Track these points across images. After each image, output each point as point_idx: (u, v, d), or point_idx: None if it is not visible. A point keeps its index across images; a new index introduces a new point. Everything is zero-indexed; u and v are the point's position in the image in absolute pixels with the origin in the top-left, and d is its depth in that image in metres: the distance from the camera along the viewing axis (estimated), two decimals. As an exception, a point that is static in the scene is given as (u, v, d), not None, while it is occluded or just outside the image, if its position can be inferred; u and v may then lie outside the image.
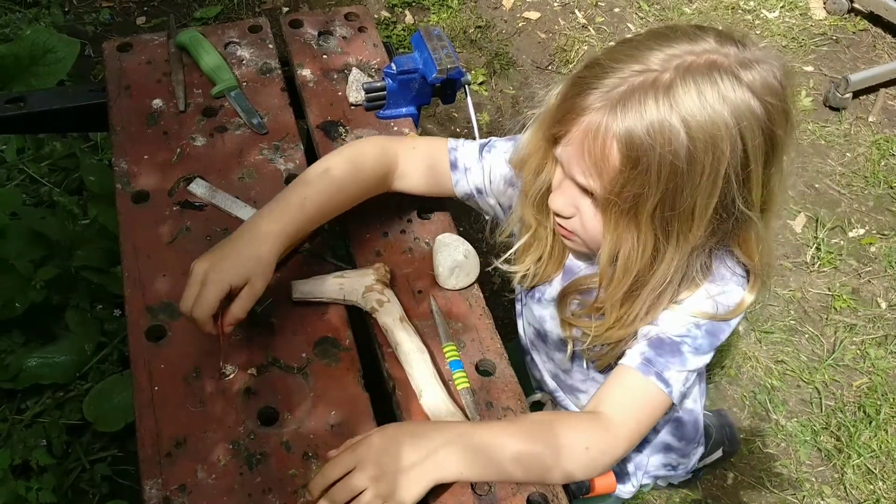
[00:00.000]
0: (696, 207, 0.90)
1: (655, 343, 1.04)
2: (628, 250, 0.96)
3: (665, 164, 0.87)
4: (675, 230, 0.93)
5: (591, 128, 0.90)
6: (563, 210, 1.02)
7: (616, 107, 0.88)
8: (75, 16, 2.86)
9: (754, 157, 0.89)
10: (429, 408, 1.04)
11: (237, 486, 0.97)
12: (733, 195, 0.90)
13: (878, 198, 2.70)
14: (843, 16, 3.32)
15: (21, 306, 1.78)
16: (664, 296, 1.01)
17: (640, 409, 1.02)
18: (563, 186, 1.01)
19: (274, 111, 1.39)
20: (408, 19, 3.04)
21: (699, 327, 1.04)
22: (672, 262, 0.96)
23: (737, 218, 0.94)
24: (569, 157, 0.96)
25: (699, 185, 0.88)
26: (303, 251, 1.21)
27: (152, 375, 1.05)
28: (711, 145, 0.86)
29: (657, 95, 0.86)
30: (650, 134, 0.86)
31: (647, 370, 1.02)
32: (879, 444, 2.10)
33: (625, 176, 0.89)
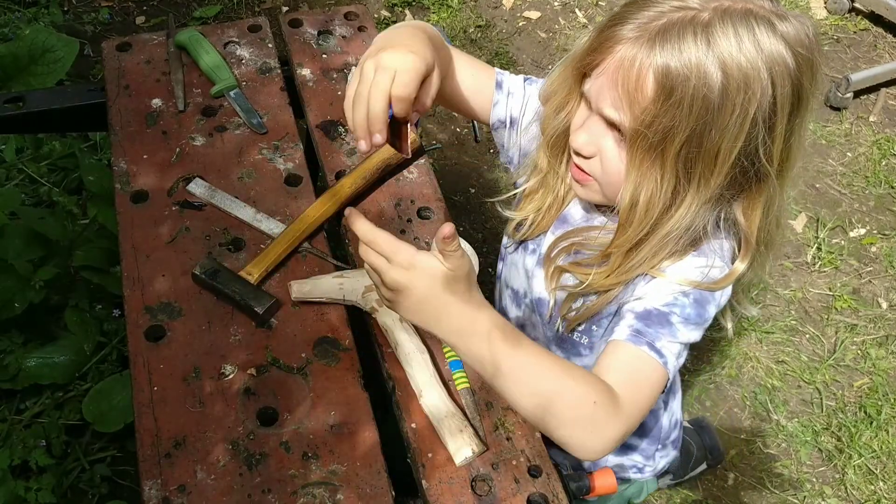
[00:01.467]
0: (721, 150, 0.92)
1: (643, 315, 1.01)
2: (651, 191, 0.96)
3: (698, 97, 0.88)
4: (698, 173, 0.94)
5: (626, 57, 0.91)
6: (585, 148, 1.01)
7: (654, 38, 0.89)
8: (74, 15, 2.86)
9: (781, 106, 0.91)
10: (428, 408, 1.03)
11: (236, 487, 0.96)
12: (757, 143, 0.92)
13: (879, 197, 2.70)
14: (844, 15, 3.32)
15: (20, 306, 1.78)
16: (667, 246, 1.00)
17: (639, 383, 0.98)
18: (588, 123, 1.01)
19: (273, 111, 1.38)
20: (408, 19, 3.04)
21: (686, 295, 1.02)
22: (689, 209, 0.97)
23: (755, 172, 0.95)
24: (599, 88, 0.96)
25: (727, 126, 0.90)
26: (302, 251, 1.21)
27: (151, 375, 1.05)
28: (744, 85, 0.88)
29: (696, 31, 0.88)
30: (687, 66, 0.88)
31: (637, 341, 0.99)
32: (880, 445, 2.09)
33: (657, 107, 0.90)
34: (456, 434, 1.00)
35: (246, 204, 1.24)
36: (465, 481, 0.99)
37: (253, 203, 1.25)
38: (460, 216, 2.47)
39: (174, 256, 1.17)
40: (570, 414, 0.92)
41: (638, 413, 0.97)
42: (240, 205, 1.24)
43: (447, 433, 1.01)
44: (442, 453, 1.01)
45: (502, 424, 1.05)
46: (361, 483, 0.98)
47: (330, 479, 0.98)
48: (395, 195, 1.30)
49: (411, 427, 1.04)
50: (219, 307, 1.13)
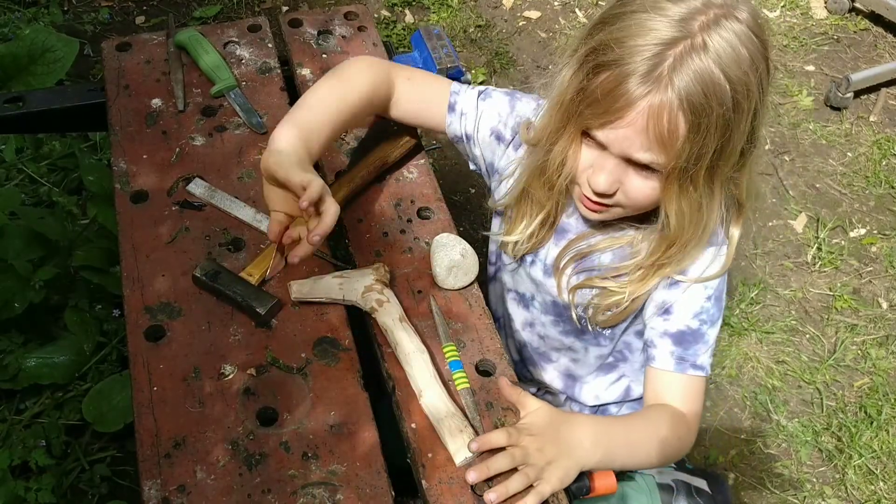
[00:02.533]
0: (736, 146, 0.98)
1: (678, 338, 1.12)
2: (690, 208, 1.03)
3: (720, 117, 0.94)
4: (720, 174, 1.01)
5: (653, 108, 0.94)
6: (609, 189, 1.05)
7: (671, 80, 0.92)
8: (74, 15, 2.86)
9: (764, 88, 0.98)
10: (428, 408, 1.03)
11: (236, 487, 0.96)
12: (754, 128, 0.99)
13: (880, 198, 2.69)
14: (844, 15, 3.32)
15: (20, 306, 1.78)
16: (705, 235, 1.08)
17: (695, 398, 1.15)
18: (605, 165, 1.03)
19: (273, 111, 1.38)
20: (408, 18, 3.04)
21: (709, 299, 1.12)
22: (717, 201, 1.04)
23: (747, 151, 1.02)
24: (623, 138, 0.98)
25: (741, 125, 0.96)
26: (302, 251, 1.20)
27: (151, 375, 1.05)
28: (745, 87, 0.94)
29: (700, 55, 0.92)
30: (706, 94, 0.92)
31: (682, 367, 1.13)
32: (881, 445, 2.09)
33: (690, 140, 0.95)
34: (456, 434, 1.00)
35: (246, 204, 1.24)
36: (465, 482, 0.99)
37: (253, 203, 1.25)
38: (460, 216, 2.47)
39: (174, 256, 1.17)
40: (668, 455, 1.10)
41: (699, 420, 1.15)
42: (240, 205, 1.24)
43: (447, 433, 1.00)
44: (442, 453, 1.01)
45: (502, 424, 1.05)
46: (361, 483, 0.98)
47: (330, 479, 0.98)
48: (395, 195, 1.30)
49: (411, 427, 1.03)
50: (219, 307, 1.13)
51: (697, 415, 1.14)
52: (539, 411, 1.02)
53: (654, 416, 1.12)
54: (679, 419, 1.11)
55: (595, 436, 1.03)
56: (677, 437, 1.10)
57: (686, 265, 1.12)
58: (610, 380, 1.36)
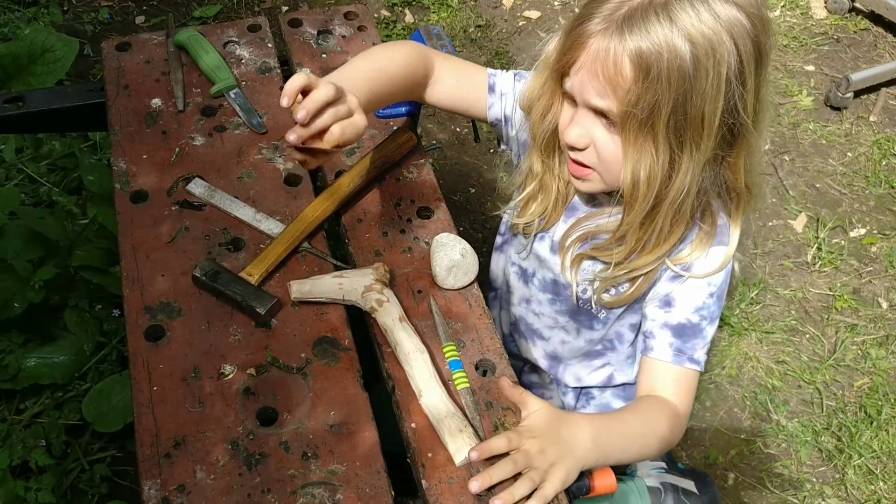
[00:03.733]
0: (706, 114, 0.98)
1: (678, 330, 1.14)
2: (649, 165, 1.03)
3: (674, 69, 0.95)
4: (688, 139, 1.01)
5: (600, 48, 0.98)
6: (578, 141, 1.08)
7: (622, 26, 0.96)
8: (74, 15, 2.85)
9: (747, 63, 0.98)
10: (428, 408, 1.03)
11: (236, 487, 0.96)
12: (735, 99, 0.99)
13: (879, 197, 2.69)
14: (844, 15, 3.32)
15: (20, 306, 1.78)
16: (684, 210, 1.08)
17: (688, 392, 1.16)
18: (576, 118, 1.07)
19: (273, 110, 1.38)
20: (408, 18, 3.04)
21: (711, 296, 1.14)
22: (687, 174, 1.03)
23: (737, 127, 1.02)
24: (581, 82, 1.03)
25: (706, 90, 0.97)
26: (302, 251, 1.21)
27: (151, 375, 1.05)
28: (711, 50, 0.95)
29: (657, 12, 0.95)
30: (656, 45, 0.95)
31: (680, 359, 1.14)
32: (881, 445, 2.09)
33: (639, 86, 0.97)
34: (456, 434, 1.00)
35: (245, 204, 1.24)
36: (465, 481, 0.99)
37: (252, 203, 1.25)
38: (460, 216, 2.47)
39: (174, 256, 1.17)
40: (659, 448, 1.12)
41: (689, 414, 1.16)
42: (239, 205, 1.24)
43: (447, 433, 1.00)
44: (442, 453, 1.01)
45: (502, 424, 1.05)
46: (361, 483, 0.98)
47: (329, 479, 0.98)
48: (395, 195, 1.30)
49: (411, 427, 1.03)
50: (218, 307, 1.13)
51: (688, 408, 1.16)
52: (540, 412, 1.02)
53: (648, 410, 1.13)
54: (672, 411, 1.13)
55: (595, 434, 1.04)
56: (670, 430, 1.11)
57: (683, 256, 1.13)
58: (595, 366, 1.38)
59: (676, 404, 1.14)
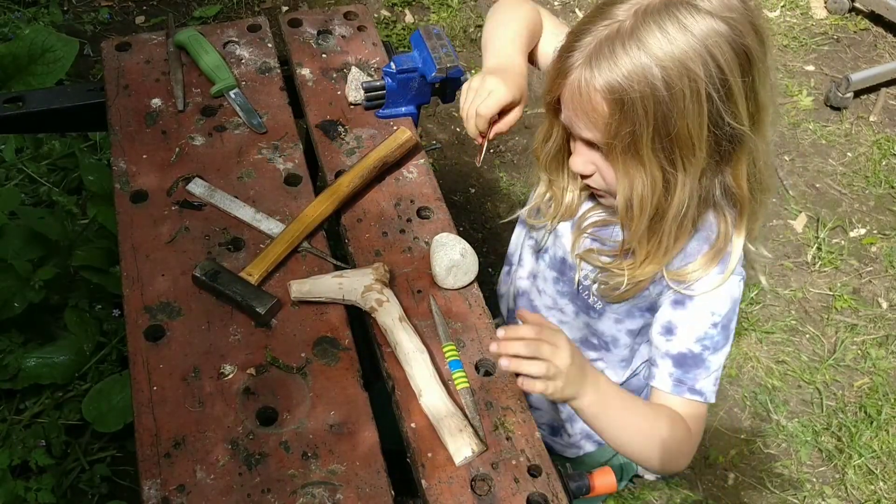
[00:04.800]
0: (690, 130, 0.97)
1: (679, 360, 1.13)
2: (640, 188, 1.03)
3: (647, 97, 0.94)
4: (679, 157, 1.00)
5: (573, 86, 0.99)
6: (583, 170, 1.10)
7: (590, 61, 0.96)
8: (74, 15, 2.85)
9: (730, 71, 0.95)
10: (428, 408, 1.03)
11: (236, 487, 0.96)
12: (721, 111, 0.97)
13: (879, 197, 2.69)
14: (844, 15, 3.32)
15: (20, 306, 1.78)
16: (686, 222, 1.08)
17: (692, 424, 1.12)
18: (577, 148, 1.09)
19: (273, 110, 1.38)
20: (408, 18, 3.04)
21: (715, 326, 1.12)
22: (685, 188, 1.03)
23: (731, 136, 1.00)
24: (568, 118, 1.05)
25: (685, 109, 0.95)
26: (302, 251, 1.21)
27: (151, 375, 1.05)
28: (684, 70, 0.94)
29: (624, 41, 0.95)
30: (626, 77, 0.94)
31: (680, 390, 1.12)
32: (881, 445, 2.09)
33: (616, 119, 0.97)
34: (455, 434, 1.00)
35: (245, 204, 1.24)
36: (465, 481, 0.99)
37: (252, 203, 1.25)
38: (460, 216, 2.47)
39: (174, 256, 1.17)
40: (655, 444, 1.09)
41: (698, 442, 1.14)
42: (239, 204, 1.24)
43: (447, 433, 1.00)
44: (442, 453, 1.01)
45: (502, 424, 1.05)
46: (361, 483, 0.98)
47: (329, 478, 0.98)
48: (395, 195, 1.30)
49: (411, 427, 1.03)
50: (218, 307, 1.13)
51: (696, 436, 1.13)
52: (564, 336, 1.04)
53: (657, 410, 1.13)
54: (680, 423, 1.11)
55: (603, 382, 1.05)
56: (674, 439, 1.09)
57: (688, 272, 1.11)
58: (588, 357, 1.37)
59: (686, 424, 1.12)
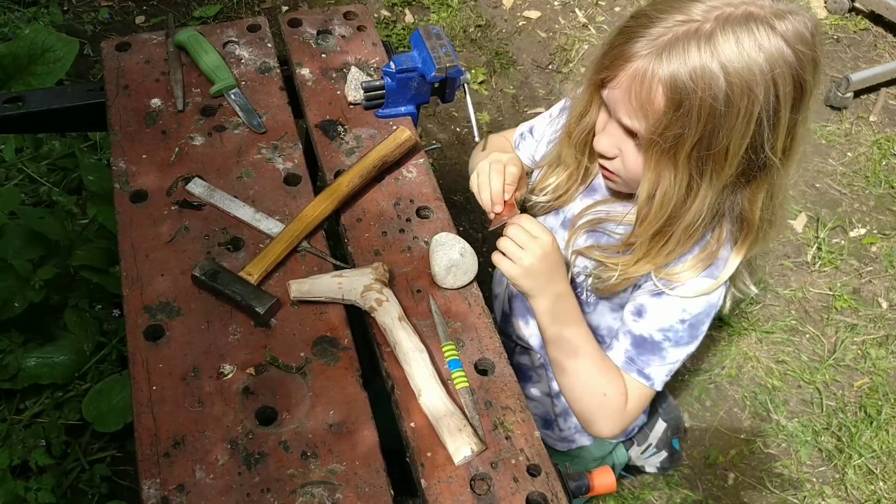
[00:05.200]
0: (730, 148, 0.98)
1: (638, 341, 1.15)
2: (665, 188, 1.04)
3: (705, 106, 0.94)
4: (709, 169, 1.01)
5: (637, 73, 0.98)
6: (608, 151, 1.10)
7: (661, 53, 0.96)
8: (74, 15, 2.85)
9: (784, 102, 0.96)
10: (428, 407, 1.03)
11: (235, 486, 0.96)
12: (763, 139, 0.98)
13: (879, 197, 2.69)
14: (844, 15, 3.32)
15: (20, 306, 1.78)
16: (695, 233, 1.09)
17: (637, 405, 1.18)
18: (608, 129, 1.09)
19: (273, 110, 1.38)
20: (408, 18, 3.04)
21: (683, 322, 1.13)
22: (705, 200, 1.04)
23: (762, 163, 1.01)
24: (615, 99, 1.04)
25: (734, 127, 0.96)
26: (301, 250, 1.21)
27: (150, 375, 1.05)
28: (748, 90, 0.94)
29: (699, 43, 0.94)
30: (692, 79, 0.94)
31: (629, 368, 1.16)
32: (881, 445, 2.09)
33: (668, 117, 0.97)
34: (455, 433, 1.00)
35: (245, 203, 1.24)
36: (465, 480, 0.99)
37: (252, 202, 1.25)
38: (460, 216, 2.47)
39: (173, 256, 1.17)
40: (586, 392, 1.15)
41: (631, 421, 1.19)
42: (239, 204, 1.24)
43: (446, 432, 1.00)
44: (441, 452, 1.01)
45: (501, 424, 1.05)
46: (360, 482, 0.98)
47: (329, 478, 0.98)
48: (395, 194, 1.30)
49: (410, 426, 1.03)
50: (218, 307, 1.13)
51: (632, 413, 1.17)
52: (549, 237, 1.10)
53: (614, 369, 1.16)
54: (623, 393, 1.16)
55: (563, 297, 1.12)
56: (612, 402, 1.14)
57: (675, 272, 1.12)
58: None
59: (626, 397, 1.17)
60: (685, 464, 2.04)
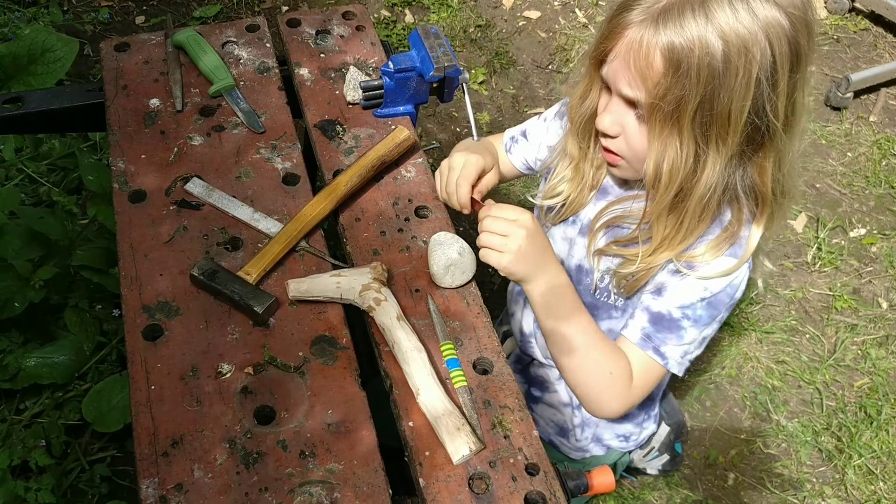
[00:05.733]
0: (732, 111, 0.99)
1: (656, 318, 1.15)
2: (672, 157, 1.04)
3: (703, 65, 0.96)
4: (714, 135, 1.01)
5: (634, 40, 1.00)
6: (610, 128, 1.10)
7: (657, 20, 0.98)
8: (74, 15, 2.86)
9: (781, 64, 0.98)
10: (426, 406, 1.03)
11: (234, 486, 0.96)
12: (764, 100, 0.99)
13: (879, 197, 2.69)
14: (844, 15, 3.32)
15: (20, 306, 1.78)
16: (708, 209, 1.08)
17: (644, 378, 1.17)
18: (610, 106, 1.10)
19: (271, 110, 1.38)
20: (408, 18, 3.04)
21: (703, 300, 1.13)
22: (714, 169, 1.04)
23: (765, 129, 1.02)
24: (615, 71, 1.05)
25: (734, 88, 0.97)
26: (300, 250, 1.21)
27: (149, 374, 1.05)
28: (743, 49, 0.95)
29: (693, 8, 0.96)
30: (689, 40, 0.96)
31: (645, 345, 1.15)
32: (880, 445, 2.09)
33: (668, 80, 0.98)
34: (453, 432, 1.00)
35: (244, 203, 1.24)
36: (463, 479, 0.99)
37: (251, 202, 1.25)
38: (459, 215, 2.46)
39: (172, 256, 1.17)
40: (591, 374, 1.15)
41: (638, 398, 1.18)
42: (238, 204, 1.24)
43: (445, 431, 1.01)
44: (440, 452, 1.01)
45: (500, 423, 1.05)
46: (359, 482, 0.98)
47: (327, 477, 0.98)
48: (394, 194, 1.30)
49: (409, 425, 1.03)
50: (216, 306, 1.13)
51: (641, 390, 1.17)
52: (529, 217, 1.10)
53: (615, 347, 1.16)
54: (627, 372, 1.15)
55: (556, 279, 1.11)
56: (616, 382, 1.14)
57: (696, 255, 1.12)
58: None
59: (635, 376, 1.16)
60: (685, 464, 2.04)
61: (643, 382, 1.17)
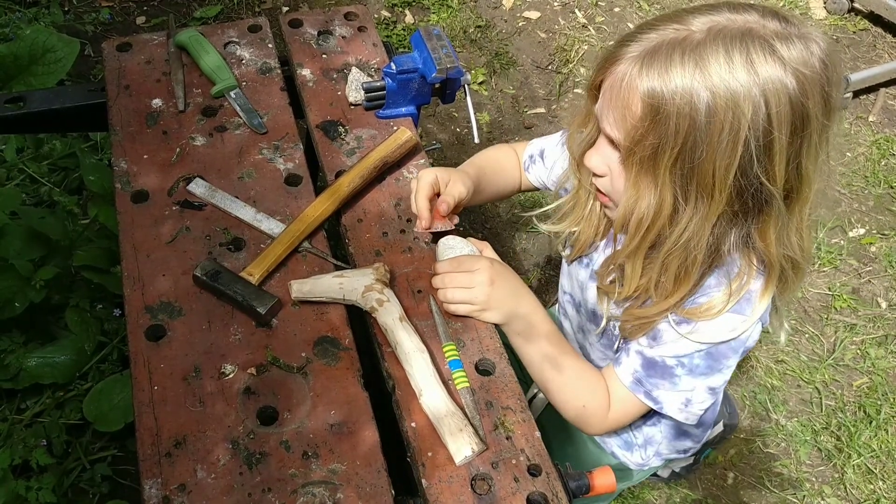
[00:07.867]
0: (716, 168, 0.91)
1: (648, 363, 1.10)
2: (645, 205, 0.98)
3: (683, 115, 0.89)
4: (694, 191, 0.95)
5: (617, 77, 0.94)
6: (597, 168, 1.06)
7: (644, 58, 0.91)
8: (75, 15, 2.86)
9: (778, 125, 0.89)
10: (428, 407, 1.04)
11: (237, 486, 0.97)
12: (753, 163, 0.91)
13: (879, 197, 2.70)
14: (844, 15, 3.32)
15: (21, 306, 1.78)
16: (693, 262, 1.01)
17: (626, 414, 1.16)
18: (599, 144, 1.05)
19: (273, 111, 1.39)
20: (408, 19, 3.04)
21: (700, 352, 1.07)
22: (690, 224, 0.97)
23: (758, 192, 0.94)
24: (601, 108, 1.00)
25: (717, 144, 0.90)
26: (302, 251, 1.21)
27: (152, 375, 1.05)
28: (732, 104, 0.88)
29: (684, 52, 0.89)
30: (671, 87, 0.89)
31: (636, 389, 1.12)
32: (880, 444, 2.10)
33: (645, 125, 0.92)
34: (456, 433, 1.00)
35: (246, 204, 1.25)
36: (465, 480, 0.99)
37: (253, 203, 1.25)
38: (461, 215, 2.47)
39: (174, 256, 1.18)
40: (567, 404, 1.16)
41: (617, 427, 1.19)
42: (240, 205, 1.24)
43: (447, 432, 1.01)
44: (442, 452, 1.01)
45: (502, 424, 1.05)
46: (361, 482, 0.99)
47: (330, 478, 0.99)
48: (396, 195, 1.31)
49: (411, 426, 1.04)
50: (219, 307, 1.13)
51: (617, 423, 1.17)
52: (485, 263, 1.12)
53: (591, 372, 1.16)
54: (603, 399, 1.15)
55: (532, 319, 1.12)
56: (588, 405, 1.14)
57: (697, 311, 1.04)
58: None
59: (611, 409, 1.15)
60: (685, 463, 2.04)
61: (619, 415, 1.15)
